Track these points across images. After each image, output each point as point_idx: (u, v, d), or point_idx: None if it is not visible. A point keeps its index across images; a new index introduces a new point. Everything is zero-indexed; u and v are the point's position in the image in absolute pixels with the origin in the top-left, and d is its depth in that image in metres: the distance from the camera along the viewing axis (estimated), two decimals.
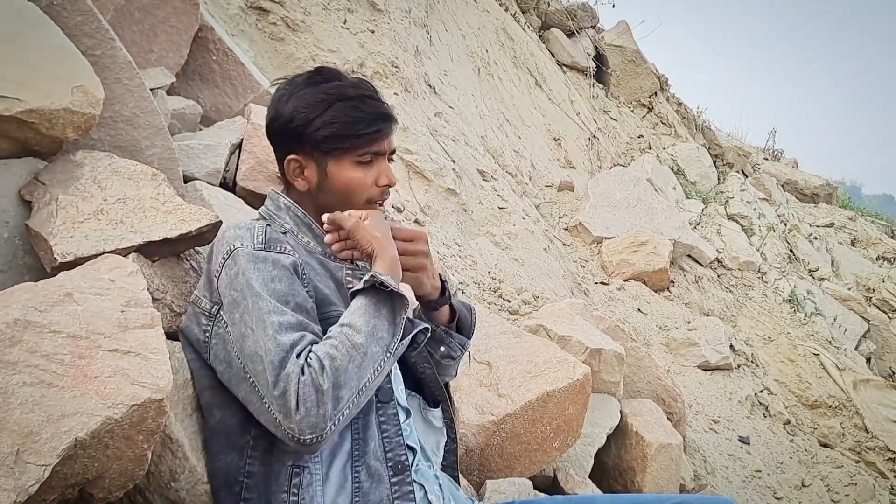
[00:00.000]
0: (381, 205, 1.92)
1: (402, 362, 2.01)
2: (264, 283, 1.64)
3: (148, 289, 1.65)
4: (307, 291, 1.72)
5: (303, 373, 1.53)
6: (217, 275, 1.71)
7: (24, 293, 1.44)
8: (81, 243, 1.78)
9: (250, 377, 1.60)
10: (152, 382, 1.41)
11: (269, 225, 1.77)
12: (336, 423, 1.56)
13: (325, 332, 1.71)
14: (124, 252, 1.81)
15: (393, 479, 1.69)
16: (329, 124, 1.82)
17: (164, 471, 1.65)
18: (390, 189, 1.94)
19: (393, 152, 1.93)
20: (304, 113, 1.84)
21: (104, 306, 1.50)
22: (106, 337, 1.44)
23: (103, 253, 1.77)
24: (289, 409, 1.53)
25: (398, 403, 1.86)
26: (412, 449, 1.82)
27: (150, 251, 1.89)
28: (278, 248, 1.72)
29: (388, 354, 1.66)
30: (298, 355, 1.56)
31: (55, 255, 1.74)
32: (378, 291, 1.67)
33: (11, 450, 1.22)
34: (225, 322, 1.68)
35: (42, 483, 1.25)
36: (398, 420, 1.76)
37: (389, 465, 1.70)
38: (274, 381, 1.55)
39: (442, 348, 2.02)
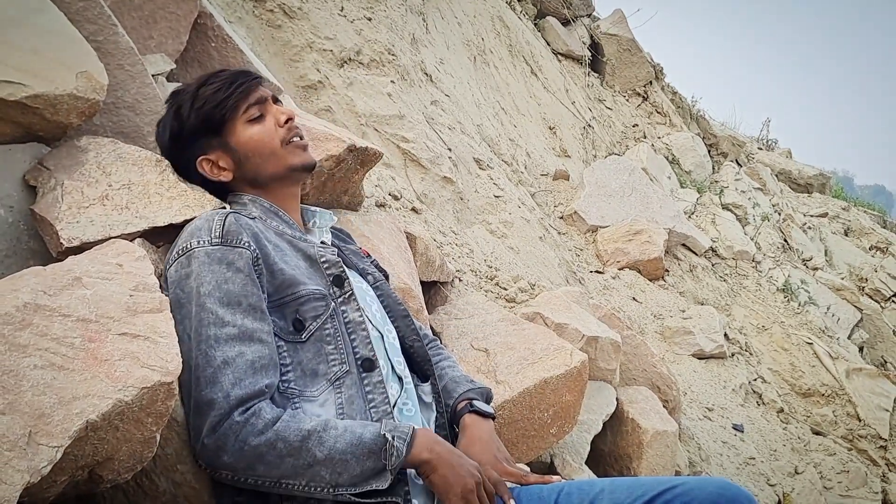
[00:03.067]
0: (294, 140, 1.97)
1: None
2: (216, 286, 1.65)
3: (154, 273, 1.66)
4: (259, 281, 1.72)
5: (234, 413, 1.55)
6: (167, 267, 1.74)
7: (32, 277, 1.45)
8: (87, 228, 1.78)
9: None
10: (161, 366, 1.42)
11: (231, 214, 1.78)
12: (233, 479, 1.59)
13: (294, 312, 1.75)
14: (130, 237, 1.82)
15: None
16: (200, 108, 1.92)
17: (171, 453, 1.66)
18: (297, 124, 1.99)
19: (277, 100, 2.01)
20: (177, 120, 1.96)
21: (113, 290, 1.50)
22: (115, 321, 1.45)
23: (109, 238, 1.78)
24: (200, 432, 1.58)
25: (393, 371, 1.87)
26: None
27: (155, 237, 1.90)
28: (235, 241, 1.72)
29: (330, 490, 1.59)
30: (234, 384, 1.57)
31: (61, 240, 1.75)
32: (386, 446, 1.61)
33: (24, 431, 1.23)
34: None
35: (54, 465, 1.26)
36: (384, 388, 1.77)
37: None
38: (197, 399, 1.58)
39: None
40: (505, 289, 3.93)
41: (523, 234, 4.68)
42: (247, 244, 1.73)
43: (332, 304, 1.80)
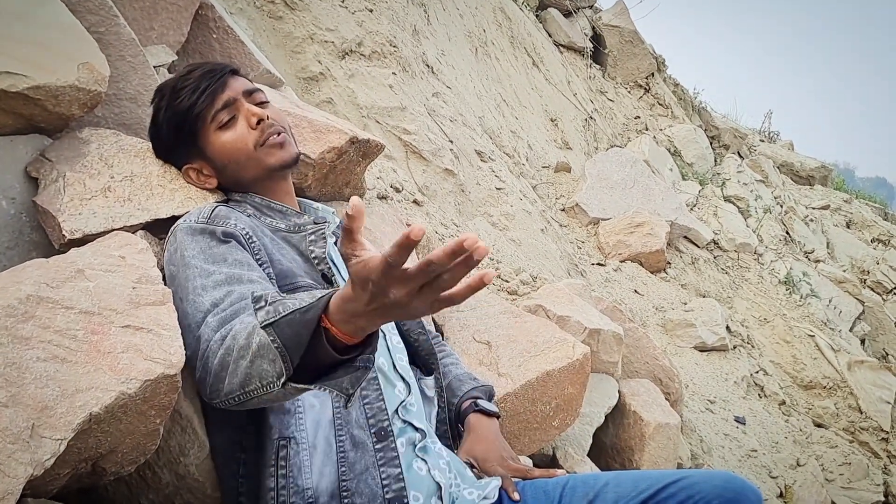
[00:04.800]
0: (270, 140, 1.92)
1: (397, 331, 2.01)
2: (200, 251, 1.66)
3: (157, 266, 1.65)
4: (258, 258, 1.72)
5: (214, 337, 1.49)
6: (162, 253, 1.75)
7: (35, 269, 1.45)
8: (90, 220, 1.78)
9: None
10: (165, 358, 1.42)
11: (219, 205, 1.79)
12: (226, 403, 1.46)
13: None
14: (132, 229, 1.82)
15: (377, 447, 1.68)
16: (169, 121, 1.92)
17: (174, 446, 1.66)
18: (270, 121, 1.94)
19: (249, 92, 1.96)
20: (155, 126, 1.97)
21: (115, 283, 1.50)
22: (118, 313, 1.44)
23: (112, 230, 1.77)
24: (195, 370, 1.51)
25: (401, 377, 1.86)
26: (419, 430, 1.82)
27: (158, 229, 1.90)
28: (222, 223, 1.73)
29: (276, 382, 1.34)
30: (229, 307, 1.53)
31: (63, 232, 1.75)
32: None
33: (27, 424, 1.23)
34: None
35: (57, 457, 1.26)
36: (378, 385, 1.75)
37: (372, 431, 1.69)
38: (190, 344, 1.54)
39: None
40: (507, 281, 3.92)
41: (525, 226, 4.67)
42: (233, 225, 1.73)
43: None
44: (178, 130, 1.91)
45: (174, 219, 1.89)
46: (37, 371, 1.29)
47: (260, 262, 1.73)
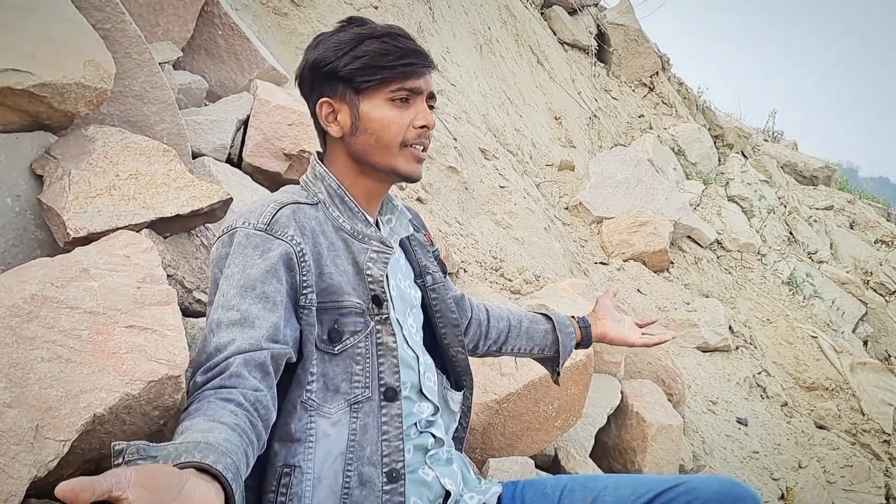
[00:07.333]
0: (418, 150, 1.79)
1: (434, 347, 1.94)
2: (240, 269, 1.56)
3: (161, 265, 1.65)
4: (305, 281, 1.63)
5: (197, 389, 1.42)
6: (213, 243, 1.65)
7: (40, 268, 1.45)
8: (94, 218, 1.78)
9: None
10: (169, 359, 1.41)
11: (284, 206, 1.67)
12: None
13: (333, 321, 1.65)
14: (137, 228, 1.82)
15: (386, 488, 1.64)
16: (359, 58, 1.72)
17: None
18: (430, 134, 1.81)
19: (432, 97, 1.82)
20: (334, 52, 1.75)
21: (120, 282, 1.50)
22: (122, 313, 1.44)
23: (116, 229, 1.77)
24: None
25: (426, 398, 1.80)
26: (438, 439, 1.79)
27: (162, 227, 1.89)
28: (279, 233, 1.62)
29: None
30: (216, 365, 1.45)
31: (68, 230, 1.74)
32: None
33: (31, 425, 1.23)
34: None
35: (61, 459, 1.25)
36: (401, 422, 1.69)
37: (385, 470, 1.65)
38: (191, 375, 1.46)
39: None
40: (510, 280, 3.92)
41: (528, 224, 4.67)
42: (290, 238, 1.62)
43: (371, 322, 1.70)
44: (370, 66, 1.73)
45: (179, 217, 1.88)
46: (41, 371, 1.29)
47: (305, 287, 1.62)
